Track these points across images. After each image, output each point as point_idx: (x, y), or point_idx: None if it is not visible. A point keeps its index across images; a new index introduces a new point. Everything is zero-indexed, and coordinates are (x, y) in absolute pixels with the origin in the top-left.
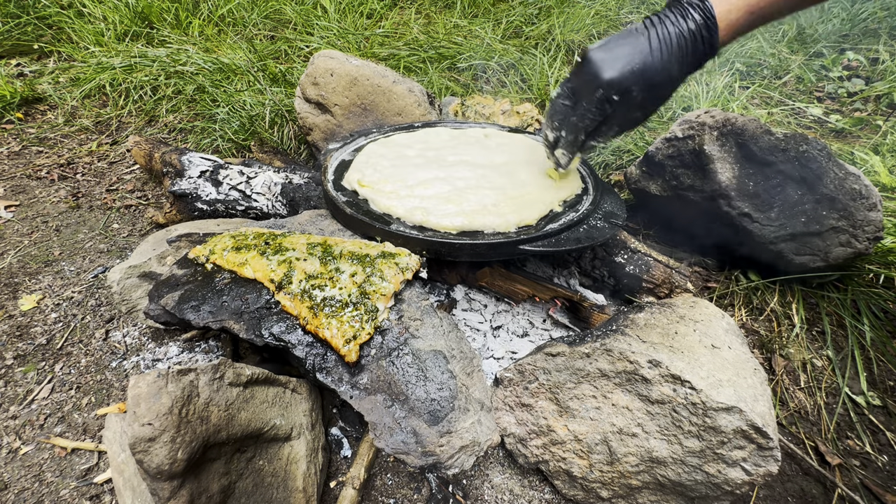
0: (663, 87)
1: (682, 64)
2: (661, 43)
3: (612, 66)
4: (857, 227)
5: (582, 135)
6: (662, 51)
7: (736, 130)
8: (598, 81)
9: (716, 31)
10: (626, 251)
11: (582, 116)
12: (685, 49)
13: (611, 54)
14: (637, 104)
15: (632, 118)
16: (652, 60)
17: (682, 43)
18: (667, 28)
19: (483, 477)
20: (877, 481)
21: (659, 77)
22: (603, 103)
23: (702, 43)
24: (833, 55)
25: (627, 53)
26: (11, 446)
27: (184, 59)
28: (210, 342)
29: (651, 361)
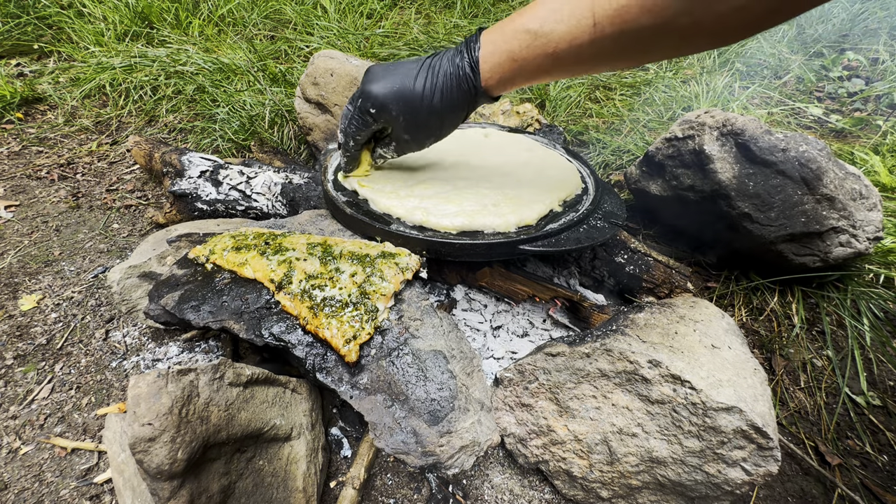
0: (424, 115)
1: (444, 98)
2: (428, 71)
3: (376, 82)
4: (857, 227)
5: (350, 140)
6: (427, 79)
7: (736, 130)
8: (362, 90)
9: (478, 71)
10: (626, 251)
11: (349, 121)
12: (449, 83)
13: (383, 70)
14: (401, 125)
15: (402, 139)
16: (412, 85)
17: (447, 76)
18: (440, 60)
19: (483, 477)
20: (877, 481)
21: (418, 104)
22: (364, 113)
23: (465, 81)
24: (833, 55)
25: (395, 73)
26: (11, 446)
27: (184, 59)
28: (210, 342)
29: (651, 361)
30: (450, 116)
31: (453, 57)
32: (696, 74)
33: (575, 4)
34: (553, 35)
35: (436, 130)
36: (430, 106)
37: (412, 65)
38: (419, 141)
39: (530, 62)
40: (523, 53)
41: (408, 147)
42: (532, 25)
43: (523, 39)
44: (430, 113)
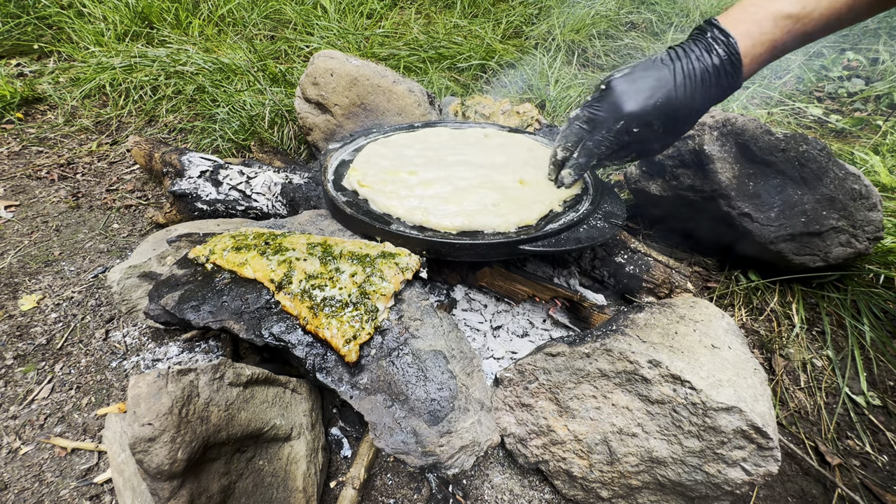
0: (685, 120)
1: (704, 98)
2: (686, 77)
3: (634, 99)
4: (857, 227)
5: (595, 160)
6: (686, 85)
7: (736, 130)
8: (619, 113)
9: (740, 66)
10: (626, 251)
11: (598, 143)
12: (708, 83)
13: (634, 86)
14: (657, 136)
15: (649, 148)
16: (675, 95)
17: (706, 77)
18: (691, 62)
19: (483, 477)
20: (877, 481)
21: (681, 111)
22: (622, 134)
23: (725, 77)
24: (833, 55)
25: (651, 87)
26: (11, 446)
27: (184, 59)
28: (210, 342)
29: (651, 361)
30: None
31: (704, 55)
32: None
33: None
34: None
35: (689, 126)
36: (691, 111)
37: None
38: (667, 145)
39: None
40: (784, 38)
41: (649, 155)
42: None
43: (784, 25)
44: (692, 116)
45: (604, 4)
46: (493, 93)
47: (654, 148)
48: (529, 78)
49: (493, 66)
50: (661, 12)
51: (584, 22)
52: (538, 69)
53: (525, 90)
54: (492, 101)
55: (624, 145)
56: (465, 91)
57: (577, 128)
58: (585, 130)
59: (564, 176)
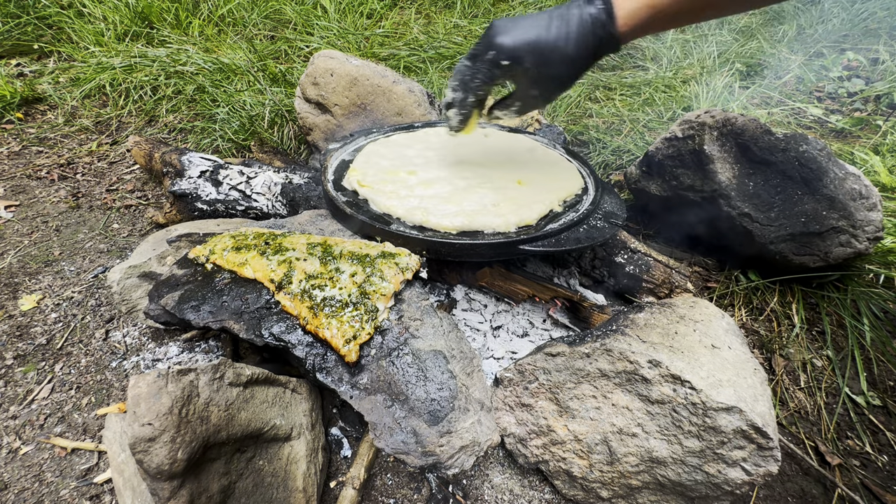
0: (557, 64)
1: (578, 46)
2: (560, 21)
3: (507, 33)
4: (857, 227)
5: (471, 96)
6: (560, 28)
7: (736, 130)
8: (491, 43)
9: (613, 17)
10: (626, 251)
11: (473, 76)
12: (583, 30)
13: (511, 23)
14: (532, 78)
15: (530, 95)
16: (546, 35)
17: (582, 26)
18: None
19: (483, 477)
20: (877, 481)
21: (551, 52)
22: (493, 66)
23: (601, 28)
24: (833, 55)
25: (525, 24)
26: (11, 446)
27: (184, 59)
28: (210, 342)
29: (651, 361)
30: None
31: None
32: (696, 74)
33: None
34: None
35: (566, 81)
36: (564, 55)
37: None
38: (547, 95)
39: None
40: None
41: (534, 103)
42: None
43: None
44: (564, 62)
45: None
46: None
47: (535, 95)
48: None
49: None
50: None
51: None
52: None
53: None
54: (492, 101)
55: (495, 80)
56: None
57: (461, 65)
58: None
59: (450, 116)
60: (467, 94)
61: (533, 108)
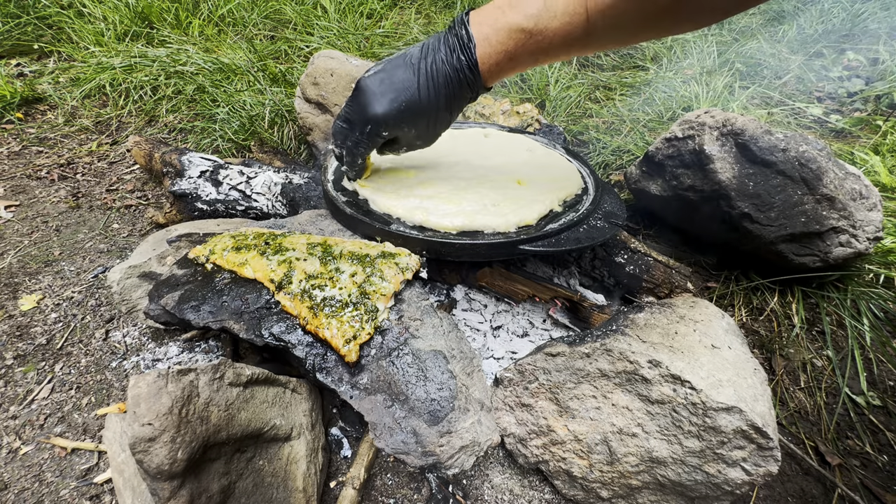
0: (433, 120)
1: (449, 98)
2: (428, 79)
3: (379, 102)
4: (857, 227)
5: (358, 158)
6: (430, 87)
7: (736, 130)
8: (366, 116)
9: (478, 72)
10: (626, 251)
11: (356, 143)
12: (452, 86)
13: (380, 88)
14: (412, 135)
15: (414, 144)
16: (419, 98)
17: (448, 82)
18: (436, 63)
19: (483, 477)
20: (877, 481)
21: (427, 113)
22: (374, 136)
23: (466, 81)
24: (833, 55)
25: (395, 89)
26: (11, 446)
27: (184, 59)
28: (210, 342)
29: (651, 361)
30: (455, 114)
31: (447, 58)
32: (696, 74)
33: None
34: (547, 31)
35: (443, 127)
36: (437, 112)
37: (406, 72)
38: (429, 141)
39: (526, 57)
40: (519, 51)
41: (418, 147)
42: (527, 25)
43: (518, 39)
44: (439, 118)
45: None
46: (493, 92)
47: (416, 145)
48: (529, 77)
49: None
50: None
51: None
52: (538, 69)
53: (525, 90)
54: (492, 101)
55: (377, 144)
56: None
57: (339, 126)
58: (346, 129)
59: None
60: (355, 157)
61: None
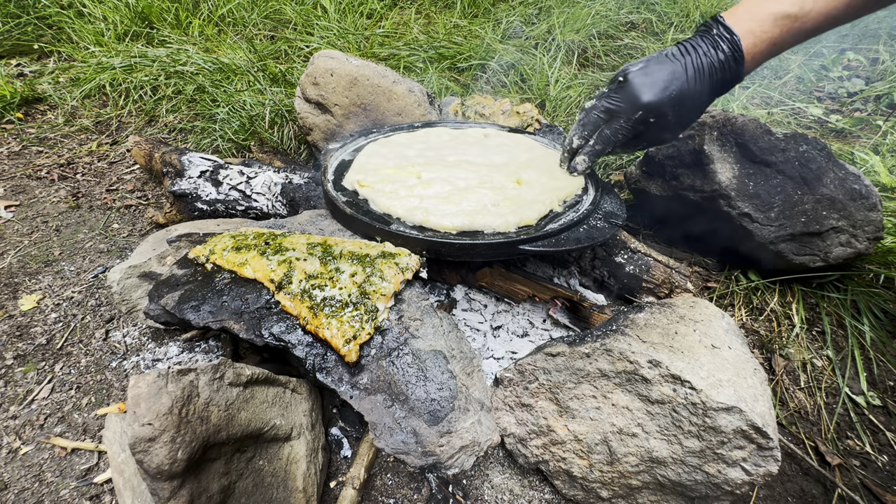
0: (694, 110)
1: (711, 90)
2: (696, 71)
3: (651, 90)
4: (857, 227)
5: (610, 147)
6: (697, 78)
7: (736, 130)
8: (637, 104)
9: (742, 62)
10: (626, 251)
11: (616, 132)
12: (715, 77)
13: (650, 78)
14: (669, 125)
15: (661, 137)
16: (688, 87)
17: (713, 72)
18: (700, 57)
19: (483, 477)
20: (877, 481)
21: (691, 102)
22: (638, 124)
23: (729, 72)
24: (833, 55)
25: (665, 80)
26: (11, 446)
27: (184, 59)
28: (210, 342)
29: (651, 361)
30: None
31: (711, 51)
32: None
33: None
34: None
35: (695, 119)
36: (701, 103)
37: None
38: (676, 136)
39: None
40: (784, 37)
41: (660, 143)
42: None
43: (783, 24)
44: (700, 108)
45: (604, 4)
46: (493, 93)
47: (665, 137)
48: (529, 78)
49: (494, 66)
50: (660, 12)
51: (584, 22)
52: (538, 69)
53: (525, 90)
54: (492, 101)
55: (638, 134)
56: (465, 91)
57: (595, 117)
58: (602, 119)
59: (578, 163)
60: (607, 146)
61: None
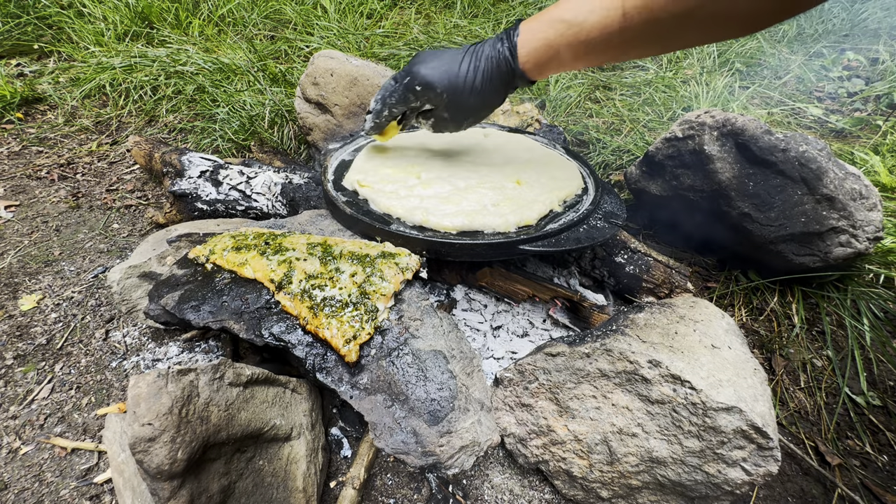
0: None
1: (484, 78)
2: (471, 56)
3: (424, 63)
4: (857, 227)
5: (386, 110)
6: (469, 62)
7: (736, 130)
8: (409, 70)
9: (516, 55)
10: (626, 251)
11: (391, 93)
12: (489, 65)
13: (430, 55)
14: (444, 104)
15: (442, 117)
16: (457, 68)
17: (487, 61)
18: (483, 47)
19: (483, 477)
20: (877, 481)
21: (460, 83)
22: (408, 90)
23: (504, 63)
24: (833, 55)
25: (440, 57)
26: (11, 446)
27: (184, 59)
28: (210, 342)
29: (651, 361)
30: (489, 97)
31: (494, 43)
32: (696, 74)
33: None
34: (585, 24)
35: (475, 111)
36: (471, 86)
37: (457, 51)
38: (458, 121)
39: (564, 48)
40: (558, 40)
41: (445, 126)
42: (567, 15)
43: (558, 28)
44: (471, 93)
45: None
46: None
47: (444, 117)
48: None
49: None
50: None
51: None
52: None
53: (525, 90)
54: None
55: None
56: None
57: (386, 82)
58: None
59: (366, 120)
60: (383, 108)
61: (445, 130)
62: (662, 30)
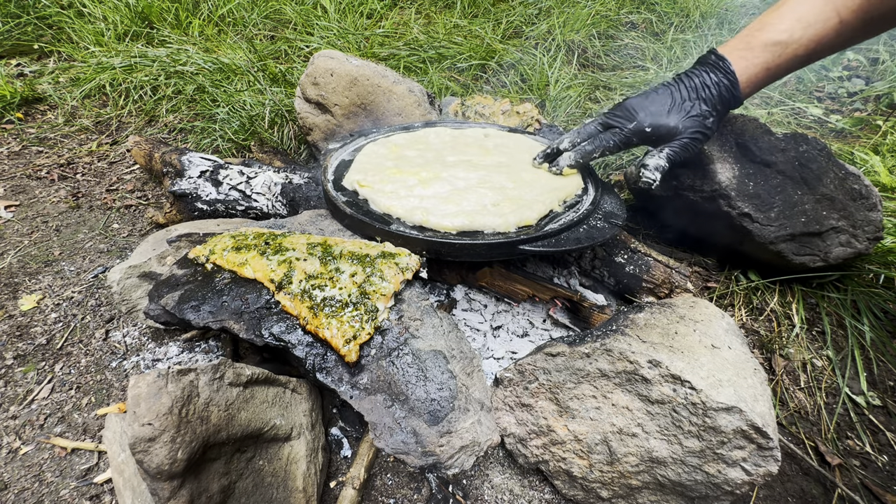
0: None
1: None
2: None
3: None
4: (857, 227)
5: (598, 153)
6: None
7: (736, 130)
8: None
9: (737, 85)
10: (626, 251)
11: (609, 139)
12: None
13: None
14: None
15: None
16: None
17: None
18: (693, 81)
19: (483, 477)
20: (877, 481)
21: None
22: (630, 136)
23: (726, 91)
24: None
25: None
26: (11, 446)
27: (184, 59)
28: (210, 342)
29: (651, 361)
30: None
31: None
32: None
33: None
34: (802, 40)
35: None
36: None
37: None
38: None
39: (782, 68)
40: (776, 62)
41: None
42: (781, 37)
43: (774, 50)
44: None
45: (604, 4)
46: (493, 93)
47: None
48: (529, 78)
49: (494, 66)
50: (661, 12)
51: (584, 22)
52: (538, 69)
53: (525, 90)
54: (492, 101)
55: (629, 145)
56: (465, 91)
57: (592, 128)
58: (599, 131)
59: (564, 158)
60: (595, 150)
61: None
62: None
